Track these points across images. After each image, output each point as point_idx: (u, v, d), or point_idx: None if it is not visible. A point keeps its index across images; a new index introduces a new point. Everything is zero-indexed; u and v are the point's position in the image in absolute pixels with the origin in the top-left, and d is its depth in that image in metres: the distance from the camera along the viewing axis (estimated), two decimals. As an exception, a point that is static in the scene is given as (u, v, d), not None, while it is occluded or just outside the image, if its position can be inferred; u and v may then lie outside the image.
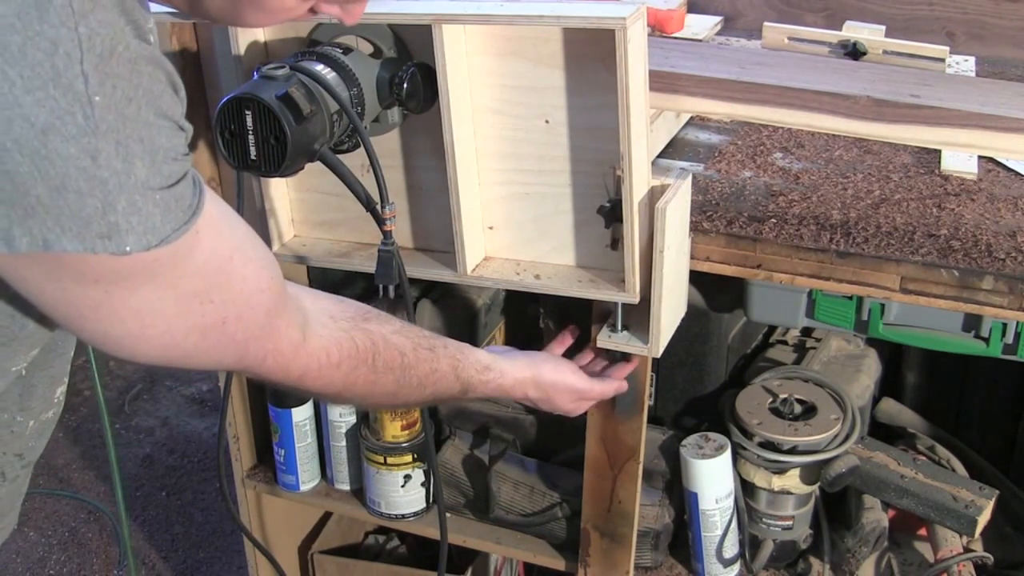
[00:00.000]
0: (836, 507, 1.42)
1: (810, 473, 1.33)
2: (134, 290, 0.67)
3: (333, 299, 0.93)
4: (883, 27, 1.54)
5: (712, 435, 1.35)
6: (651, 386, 1.38)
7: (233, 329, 0.75)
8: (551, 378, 1.16)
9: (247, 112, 0.97)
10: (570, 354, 1.25)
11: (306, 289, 0.91)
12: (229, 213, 0.75)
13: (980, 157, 1.29)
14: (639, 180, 1.06)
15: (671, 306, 1.15)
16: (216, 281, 0.73)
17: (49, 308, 0.68)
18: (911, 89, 1.23)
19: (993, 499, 1.29)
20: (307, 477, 1.59)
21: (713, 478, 1.33)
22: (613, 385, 1.21)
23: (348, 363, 0.89)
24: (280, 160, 0.99)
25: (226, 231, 0.74)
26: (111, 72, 0.61)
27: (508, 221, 1.18)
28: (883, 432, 1.50)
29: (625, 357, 1.22)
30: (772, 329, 1.58)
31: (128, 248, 0.63)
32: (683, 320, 1.22)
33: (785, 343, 1.54)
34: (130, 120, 0.62)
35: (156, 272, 0.68)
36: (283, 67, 1.01)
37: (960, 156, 1.29)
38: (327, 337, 0.87)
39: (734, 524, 1.36)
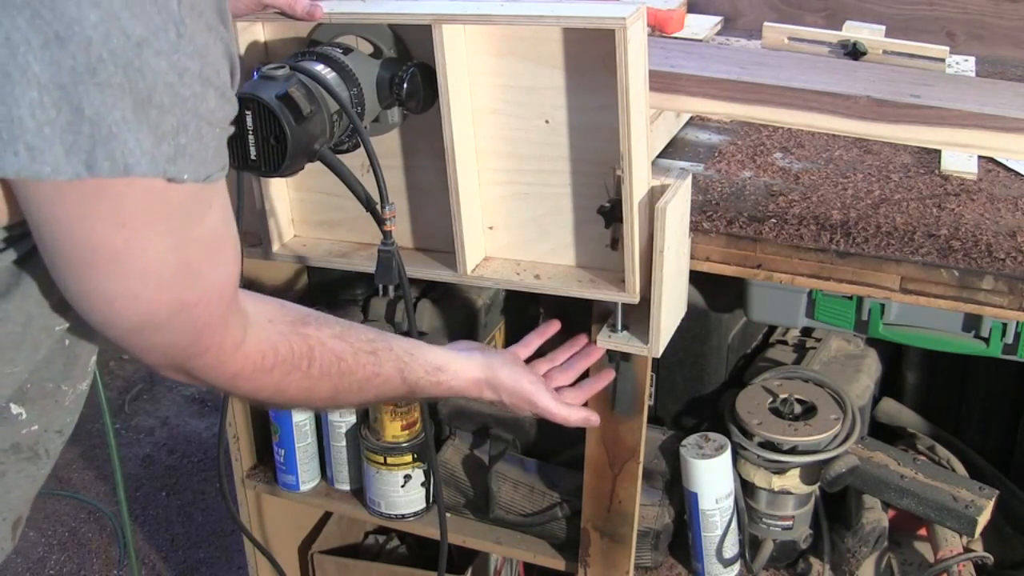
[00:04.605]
0: (836, 507, 1.41)
1: (810, 473, 1.33)
2: (150, 242, 0.68)
3: (275, 303, 0.92)
4: (883, 27, 1.54)
5: (712, 435, 1.35)
6: (651, 386, 1.38)
7: (198, 313, 0.76)
8: (506, 382, 1.12)
9: (247, 112, 0.98)
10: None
11: (248, 292, 0.90)
12: (229, 202, 0.77)
13: (980, 157, 1.29)
14: (639, 180, 1.06)
15: (671, 306, 1.15)
16: (209, 257, 0.74)
17: (62, 250, 0.68)
18: (911, 89, 1.22)
19: (993, 499, 1.29)
20: (307, 477, 1.59)
21: (713, 478, 1.33)
22: (579, 414, 1.17)
23: (282, 367, 0.88)
24: (280, 160, 0.99)
25: (229, 212, 0.76)
26: (196, 1, 0.64)
27: (508, 221, 1.18)
28: (883, 432, 1.50)
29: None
30: (772, 329, 1.58)
31: (186, 176, 0.66)
32: (683, 320, 1.22)
33: (785, 343, 1.54)
34: (211, 49, 0.65)
35: (180, 214, 0.69)
36: (283, 67, 1.01)
37: (960, 156, 1.29)
38: (264, 340, 0.86)
39: (734, 524, 1.36)
